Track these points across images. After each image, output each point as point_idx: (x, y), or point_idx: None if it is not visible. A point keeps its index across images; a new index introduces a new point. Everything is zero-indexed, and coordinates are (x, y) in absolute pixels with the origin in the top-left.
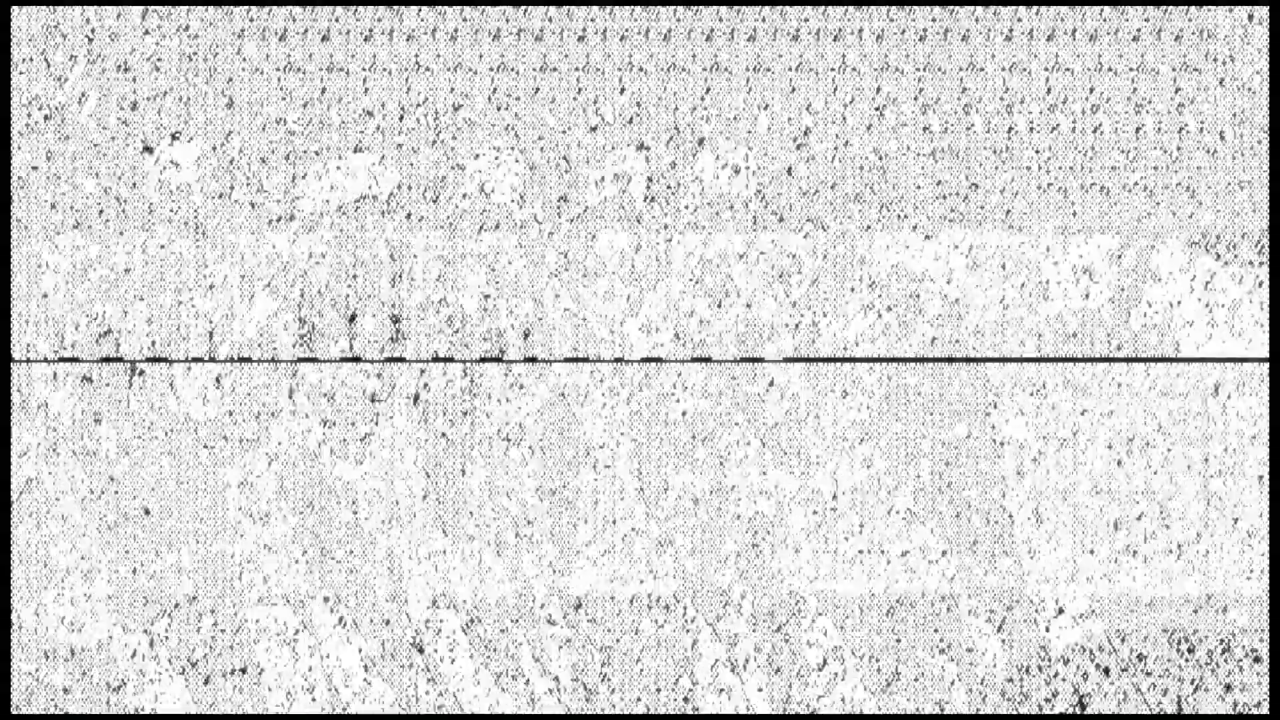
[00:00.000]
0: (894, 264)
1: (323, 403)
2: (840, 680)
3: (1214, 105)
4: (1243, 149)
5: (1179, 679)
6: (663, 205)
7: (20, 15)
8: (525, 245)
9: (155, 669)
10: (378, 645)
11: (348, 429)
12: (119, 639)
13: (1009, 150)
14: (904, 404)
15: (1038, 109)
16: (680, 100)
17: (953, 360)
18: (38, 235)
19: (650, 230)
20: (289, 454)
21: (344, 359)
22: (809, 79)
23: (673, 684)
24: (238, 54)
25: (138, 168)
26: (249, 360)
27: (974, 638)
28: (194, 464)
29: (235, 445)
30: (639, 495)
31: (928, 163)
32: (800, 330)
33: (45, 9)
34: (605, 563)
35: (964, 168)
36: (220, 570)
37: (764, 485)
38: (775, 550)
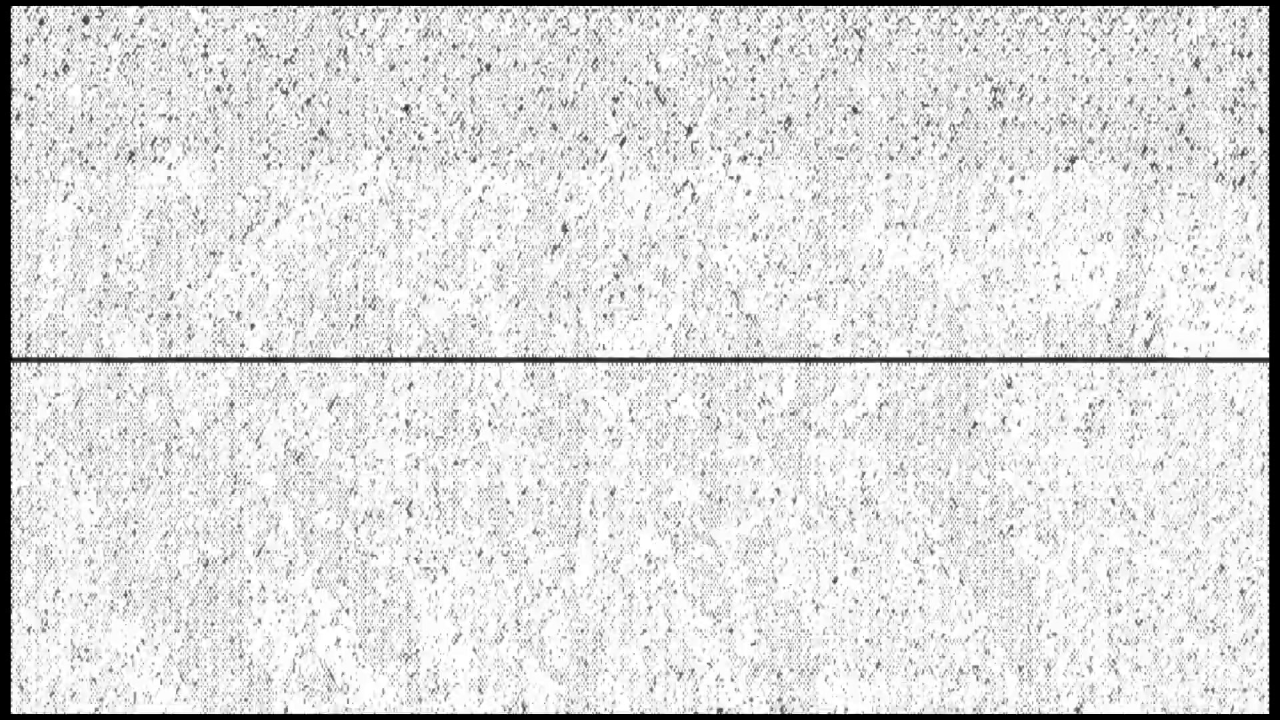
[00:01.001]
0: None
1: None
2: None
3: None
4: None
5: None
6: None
7: (19, 15)
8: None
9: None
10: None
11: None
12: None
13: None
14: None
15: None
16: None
17: (953, 360)
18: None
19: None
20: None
21: (344, 359)
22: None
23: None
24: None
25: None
26: (249, 360)
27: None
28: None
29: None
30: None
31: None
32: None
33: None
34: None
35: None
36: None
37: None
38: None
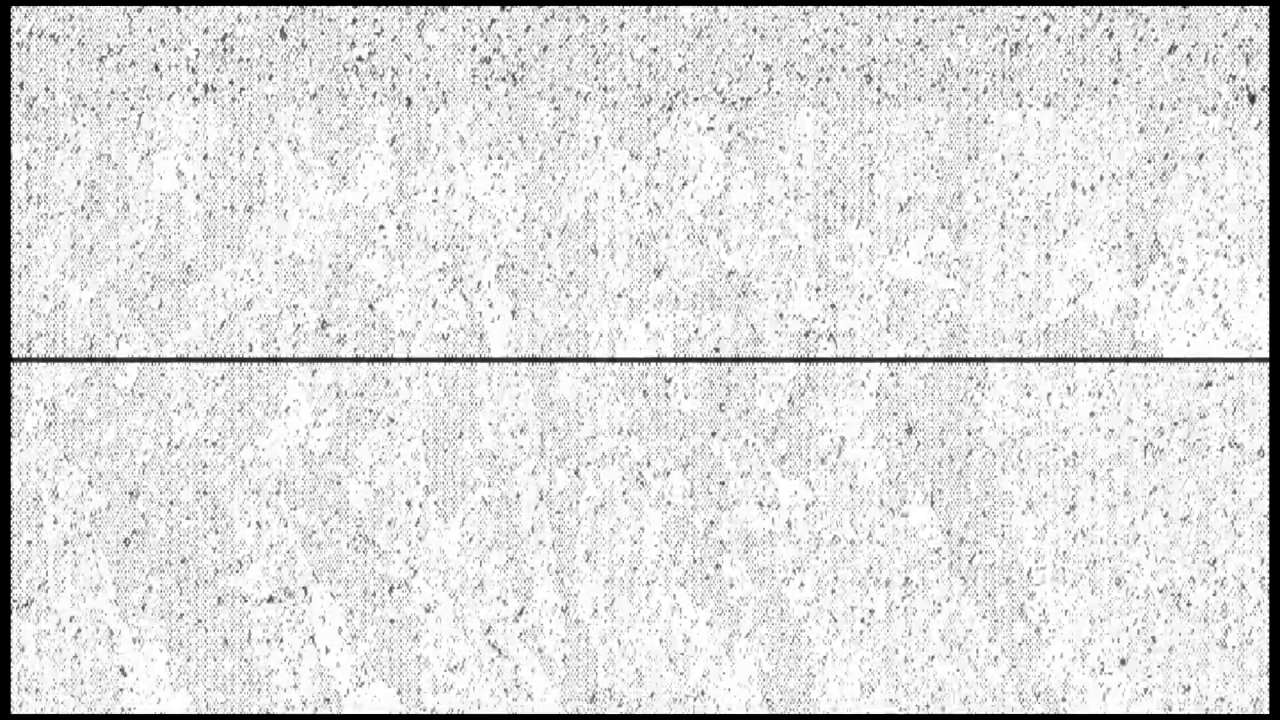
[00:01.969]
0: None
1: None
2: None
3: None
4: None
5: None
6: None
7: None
8: None
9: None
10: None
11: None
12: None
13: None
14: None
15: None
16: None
17: (953, 360)
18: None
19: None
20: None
21: (339, 359)
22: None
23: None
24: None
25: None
26: (248, 360)
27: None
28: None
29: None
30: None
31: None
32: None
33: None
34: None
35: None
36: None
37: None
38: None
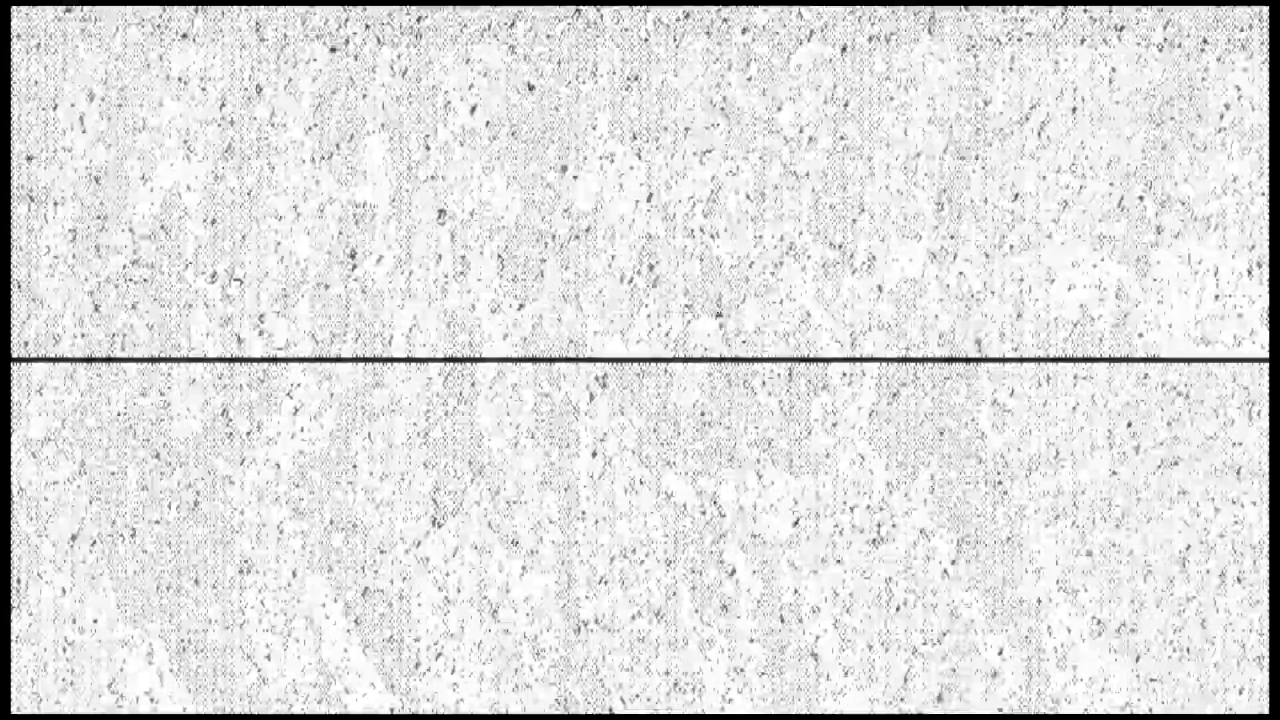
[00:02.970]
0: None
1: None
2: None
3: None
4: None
5: None
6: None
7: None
8: None
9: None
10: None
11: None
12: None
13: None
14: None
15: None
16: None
17: (952, 360)
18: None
19: None
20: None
21: (344, 359)
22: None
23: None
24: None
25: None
26: (247, 360)
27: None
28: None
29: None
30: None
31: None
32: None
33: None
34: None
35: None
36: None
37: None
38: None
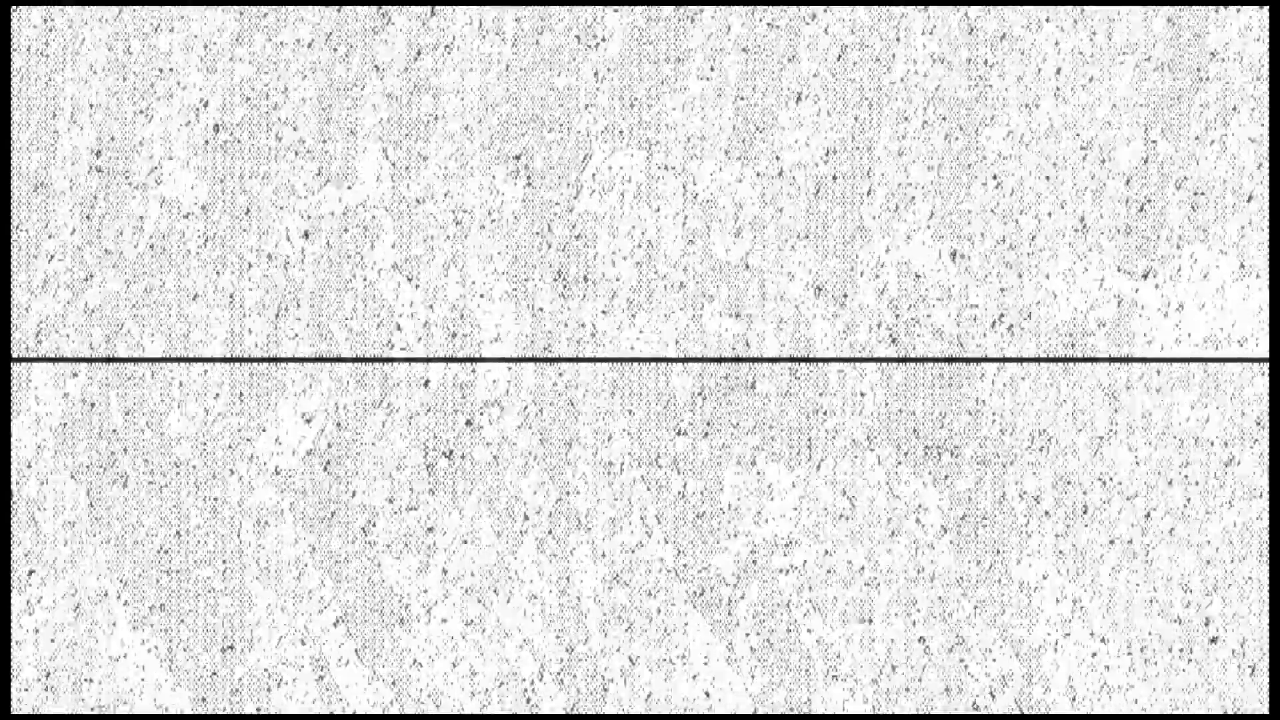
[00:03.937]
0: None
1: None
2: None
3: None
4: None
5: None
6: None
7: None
8: None
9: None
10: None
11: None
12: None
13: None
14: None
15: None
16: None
17: (951, 360)
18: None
19: None
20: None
21: (344, 359)
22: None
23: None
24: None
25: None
26: (247, 360)
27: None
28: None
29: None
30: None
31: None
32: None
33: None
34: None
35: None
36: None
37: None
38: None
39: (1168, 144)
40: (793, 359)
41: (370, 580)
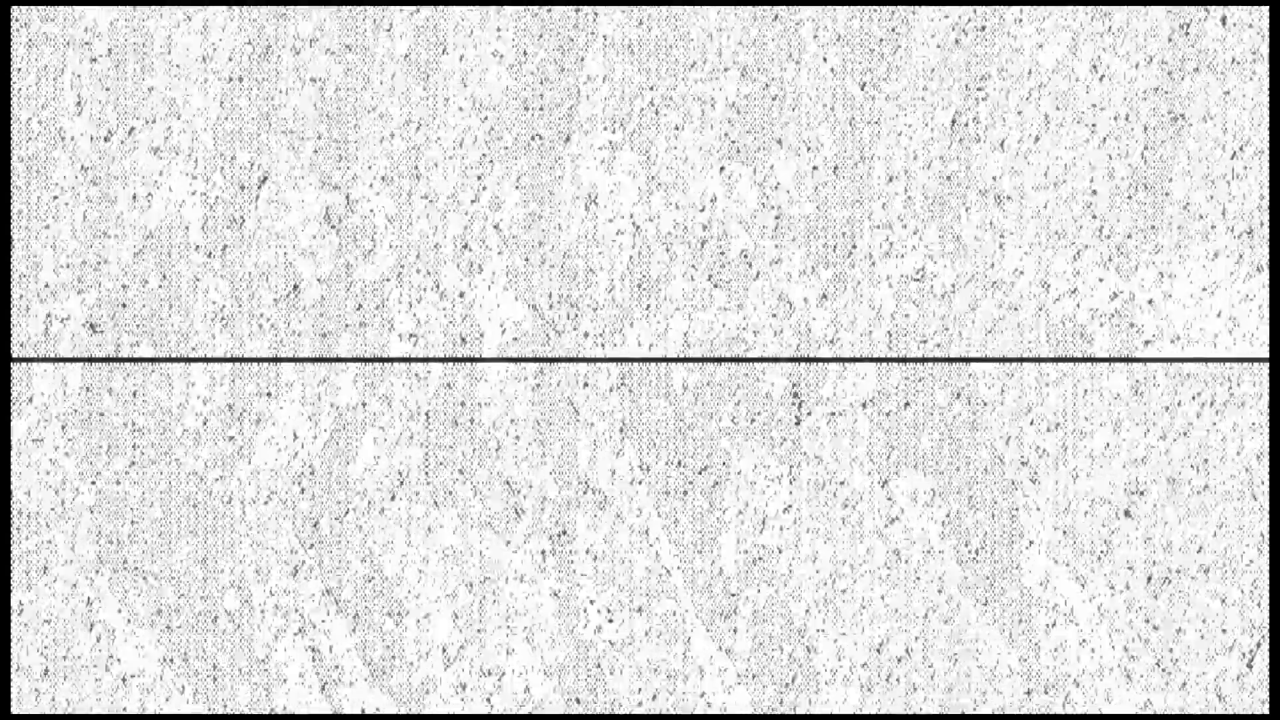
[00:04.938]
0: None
1: None
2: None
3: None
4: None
5: None
6: None
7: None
8: None
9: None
10: None
11: None
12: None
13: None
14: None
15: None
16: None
17: (951, 360)
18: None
19: None
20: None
21: (344, 359)
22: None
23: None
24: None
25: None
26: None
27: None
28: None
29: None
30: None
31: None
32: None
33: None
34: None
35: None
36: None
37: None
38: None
39: (1167, 142)
40: (793, 359)
41: (370, 579)
